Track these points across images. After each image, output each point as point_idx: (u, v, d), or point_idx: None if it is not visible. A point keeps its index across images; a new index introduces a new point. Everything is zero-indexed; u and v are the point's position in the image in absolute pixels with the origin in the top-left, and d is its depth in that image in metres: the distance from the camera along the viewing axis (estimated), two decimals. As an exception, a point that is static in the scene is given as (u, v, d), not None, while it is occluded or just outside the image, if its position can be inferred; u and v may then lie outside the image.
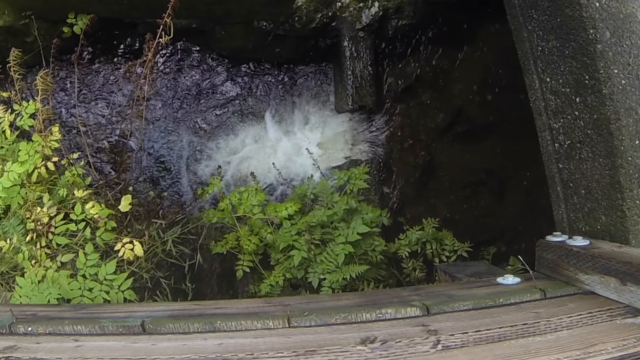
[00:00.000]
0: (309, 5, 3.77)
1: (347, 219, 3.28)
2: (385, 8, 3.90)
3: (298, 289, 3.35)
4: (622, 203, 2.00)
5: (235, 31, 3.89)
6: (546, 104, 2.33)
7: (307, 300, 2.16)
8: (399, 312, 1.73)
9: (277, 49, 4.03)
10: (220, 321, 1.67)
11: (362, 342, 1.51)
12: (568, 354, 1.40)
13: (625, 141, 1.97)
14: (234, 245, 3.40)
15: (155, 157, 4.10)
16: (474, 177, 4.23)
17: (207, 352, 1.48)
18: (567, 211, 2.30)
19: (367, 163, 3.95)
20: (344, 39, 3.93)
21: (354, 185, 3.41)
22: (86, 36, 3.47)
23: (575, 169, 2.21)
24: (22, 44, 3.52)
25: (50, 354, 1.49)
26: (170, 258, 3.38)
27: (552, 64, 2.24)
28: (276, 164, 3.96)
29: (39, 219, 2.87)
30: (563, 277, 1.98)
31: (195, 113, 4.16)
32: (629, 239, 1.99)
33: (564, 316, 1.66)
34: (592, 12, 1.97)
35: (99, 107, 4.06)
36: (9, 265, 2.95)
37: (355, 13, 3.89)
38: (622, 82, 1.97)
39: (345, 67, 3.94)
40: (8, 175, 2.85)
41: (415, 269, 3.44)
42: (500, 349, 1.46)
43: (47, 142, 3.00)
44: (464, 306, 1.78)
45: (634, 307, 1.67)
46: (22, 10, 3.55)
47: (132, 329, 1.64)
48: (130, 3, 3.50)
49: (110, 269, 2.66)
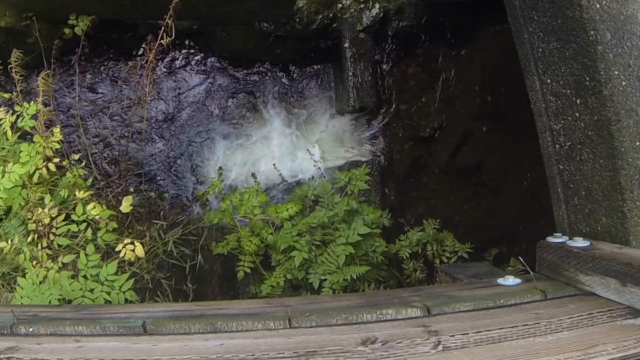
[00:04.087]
0: (309, 6, 3.77)
1: (347, 220, 3.28)
2: (385, 9, 3.91)
3: (299, 289, 3.35)
4: (622, 204, 2.00)
5: (236, 32, 3.90)
6: (547, 105, 2.33)
7: (308, 301, 2.16)
8: (399, 313, 1.73)
9: (278, 50, 4.04)
10: (221, 322, 1.67)
11: (363, 343, 1.52)
12: (568, 354, 1.40)
13: (626, 142, 1.98)
14: (234, 246, 3.40)
15: (156, 158, 4.10)
16: (474, 178, 4.23)
17: (208, 352, 1.48)
18: (568, 212, 2.30)
19: (368, 164, 3.95)
20: (344, 40, 3.93)
21: (355, 186, 3.42)
22: (87, 37, 3.47)
23: (575, 170, 2.21)
24: (23, 45, 3.52)
25: (52, 354, 1.50)
26: (171, 259, 3.39)
27: (552, 65, 2.24)
28: (277, 164, 3.97)
29: (40, 219, 2.88)
30: (563, 278, 1.99)
31: (195, 114, 4.17)
32: (629, 240, 1.99)
33: (565, 317, 1.66)
34: (593, 14, 1.97)
35: (100, 108, 4.06)
36: (10, 266, 2.95)
37: (355, 14, 3.89)
38: (622, 84, 1.97)
39: (346, 69, 3.95)
40: (9, 176, 2.85)
41: (416, 269, 3.45)
42: (501, 349, 1.46)
43: (48, 143, 3.01)
44: (464, 307, 1.78)
45: (635, 308, 1.67)
46: (23, 11, 3.55)
47: (133, 330, 1.64)
48: (132, 4, 3.51)
49: (111, 270, 2.67)
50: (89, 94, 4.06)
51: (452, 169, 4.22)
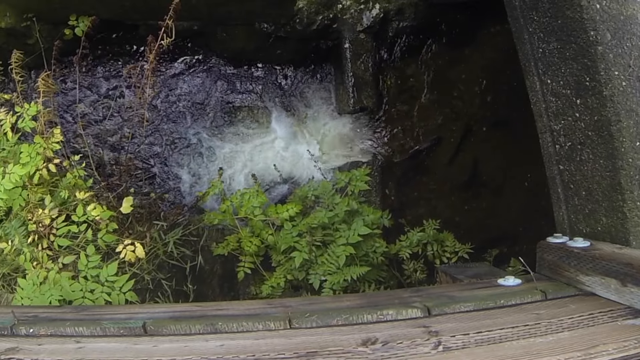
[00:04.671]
0: (310, 7, 3.77)
1: (348, 220, 3.28)
2: (386, 10, 3.91)
3: (299, 290, 3.35)
4: (622, 204, 2.00)
5: (236, 33, 3.90)
6: (547, 105, 2.33)
7: (309, 301, 2.16)
8: (400, 314, 1.73)
9: (278, 50, 4.04)
10: (222, 322, 1.67)
11: (364, 344, 1.52)
12: (569, 355, 1.40)
13: (626, 143, 1.98)
14: (235, 246, 3.40)
15: (156, 159, 4.10)
16: (475, 179, 4.23)
17: (208, 353, 1.49)
18: (568, 212, 2.30)
19: (368, 164, 3.95)
20: (345, 40, 3.93)
21: (355, 186, 3.41)
22: (88, 38, 3.47)
23: (576, 170, 2.21)
24: (24, 46, 3.53)
25: (52, 355, 1.50)
26: (171, 260, 3.38)
27: (552, 65, 2.24)
28: (277, 165, 3.96)
29: (41, 220, 2.88)
30: (564, 279, 1.99)
31: (195, 115, 4.17)
32: (629, 240, 1.99)
33: (565, 317, 1.66)
34: (593, 14, 1.98)
35: (100, 109, 4.06)
36: (10, 267, 2.95)
37: (356, 15, 3.90)
38: (622, 84, 1.97)
39: (346, 69, 3.95)
40: (10, 177, 2.85)
41: (416, 270, 3.44)
42: (502, 350, 1.46)
43: (49, 144, 3.01)
44: (465, 307, 1.78)
45: (635, 308, 1.67)
46: (23, 12, 3.56)
47: (133, 331, 1.64)
48: (132, 5, 3.51)
49: (111, 271, 2.67)
50: (89, 94, 4.06)
51: (452, 169, 4.22)
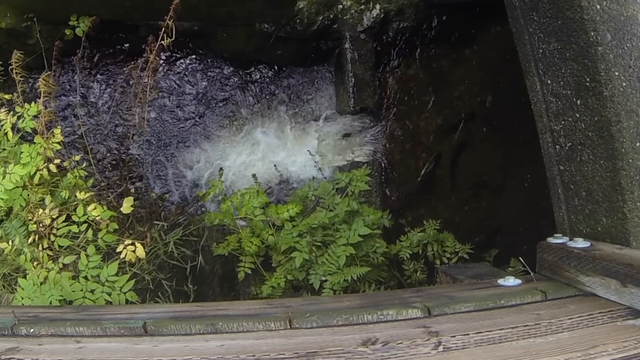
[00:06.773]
0: (310, 7, 3.78)
1: (348, 220, 3.28)
2: (386, 10, 3.91)
3: (299, 290, 3.35)
4: (623, 205, 2.00)
5: (236, 33, 3.90)
6: (547, 106, 2.33)
7: (309, 301, 2.16)
8: (400, 314, 1.73)
9: (279, 51, 4.04)
10: (222, 322, 1.67)
11: (364, 344, 1.52)
12: (569, 355, 1.40)
13: (626, 143, 1.98)
14: (235, 247, 3.40)
15: (157, 159, 4.10)
16: (475, 179, 4.23)
17: (208, 353, 1.49)
18: (568, 213, 2.30)
19: (369, 165, 3.95)
20: (345, 41, 3.94)
21: (355, 187, 3.42)
22: (88, 38, 3.48)
23: (576, 171, 2.21)
24: (24, 46, 3.53)
25: (52, 355, 1.50)
26: (172, 260, 3.38)
27: (553, 66, 2.24)
28: (277, 165, 3.96)
29: (41, 220, 2.88)
30: (564, 279, 1.99)
31: (195, 114, 4.17)
32: (629, 240, 1.99)
33: (565, 318, 1.66)
34: (593, 15, 1.98)
35: (100, 109, 4.07)
36: (11, 267, 2.95)
37: (356, 15, 3.90)
38: (623, 85, 1.97)
39: (347, 69, 3.95)
40: (10, 177, 2.86)
41: (417, 270, 3.44)
42: (501, 350, 1.46)
43: (49, 144, 3.01)
44: (465, 308, 1.78)
45: (635, 308, 1.67)
46: (24, 12, 3.56)
47: (133, 331, 1.64)
48: (132, 5, 3.51)
49: (112, 271, 2.67)
50: (90, 94, 4.06)
51: (452, 170, 4.22)
